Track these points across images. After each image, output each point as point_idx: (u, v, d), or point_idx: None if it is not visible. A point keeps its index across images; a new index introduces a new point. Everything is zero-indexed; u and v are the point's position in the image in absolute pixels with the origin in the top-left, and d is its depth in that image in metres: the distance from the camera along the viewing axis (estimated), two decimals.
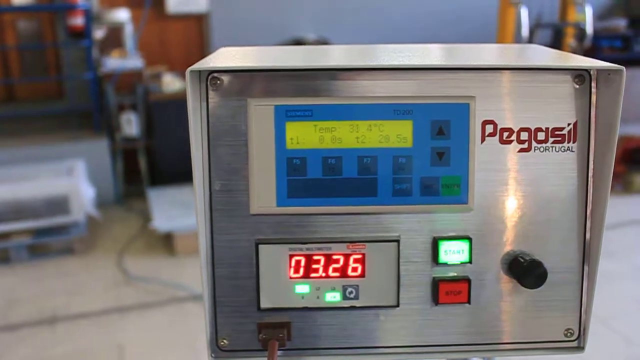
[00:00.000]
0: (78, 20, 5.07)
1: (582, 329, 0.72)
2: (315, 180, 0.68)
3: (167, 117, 4.99)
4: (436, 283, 0.69)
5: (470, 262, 0.69)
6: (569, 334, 0.72)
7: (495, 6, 4.48)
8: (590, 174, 0.69)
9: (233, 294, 0.70)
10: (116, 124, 5.07)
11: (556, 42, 4.93)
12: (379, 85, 0.67)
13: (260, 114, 0.67)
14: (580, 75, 0.67)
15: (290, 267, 0.69)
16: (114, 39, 5.22)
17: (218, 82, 0.66)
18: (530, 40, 4.08)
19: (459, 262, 0.69)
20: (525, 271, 0.67)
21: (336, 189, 0.68)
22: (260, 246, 0.68)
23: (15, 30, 5.62)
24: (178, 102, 4.95)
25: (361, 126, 0.67)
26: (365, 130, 0.67)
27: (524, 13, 4.03)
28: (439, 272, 0.70)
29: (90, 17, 5.03)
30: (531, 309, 0.71)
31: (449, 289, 0.69)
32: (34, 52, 5.76)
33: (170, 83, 4.98)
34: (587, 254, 0.71)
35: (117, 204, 5.19)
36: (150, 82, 5.14)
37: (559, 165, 0.69)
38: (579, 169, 0.69)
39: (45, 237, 4.36)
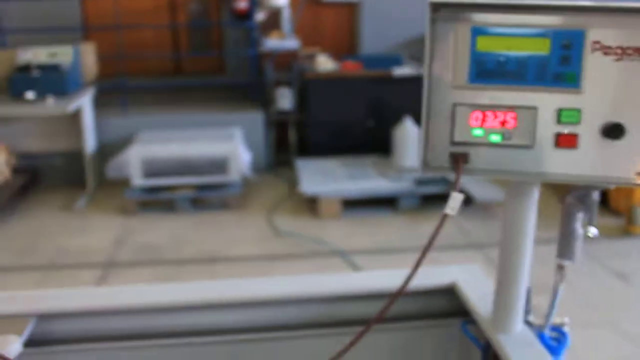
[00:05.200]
0: (242, 4, 5.86)
1: None
2: (492, 70, 1.25)
3: (319, 94, 5.59)
4: (557, 135, 1.25)
5: (579, 123, 1.24)
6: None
7: None
8: None
9: (438, 134, 1.28)
10: (271, 98, 5.79)
11: None
12: (532, 19, 1.23)
13: (462, 31, 1.25)
14: None
15: (471, 119, 1.27)
16: (273, 21, 5.95)
17: (439, 11, 1.25)
18: None
19: (572, 122, 1.24)
20: (612, 128, 1.21)
21: (503, 75, 1.25)
22: (457, 107, 1.27)
23: (185, 11, 6.52)
24: (330, 81, 5.54)
25: (520, 40, 1.24)
26: (523, 43, 1.24)
27: None
28: (560, 129, 1.25)
29: (254, 1, 5.79)
30: (616, 156, 1.24)
31: (564, 139, 1.24)
32: (200, 31, 6.64)
33: (324, 63, 5.57)
34: None
35: (268, 170, 5.88)
36: (305, 62, 5.80)
37: None
38: None
39: (206, 192, 5.14)
